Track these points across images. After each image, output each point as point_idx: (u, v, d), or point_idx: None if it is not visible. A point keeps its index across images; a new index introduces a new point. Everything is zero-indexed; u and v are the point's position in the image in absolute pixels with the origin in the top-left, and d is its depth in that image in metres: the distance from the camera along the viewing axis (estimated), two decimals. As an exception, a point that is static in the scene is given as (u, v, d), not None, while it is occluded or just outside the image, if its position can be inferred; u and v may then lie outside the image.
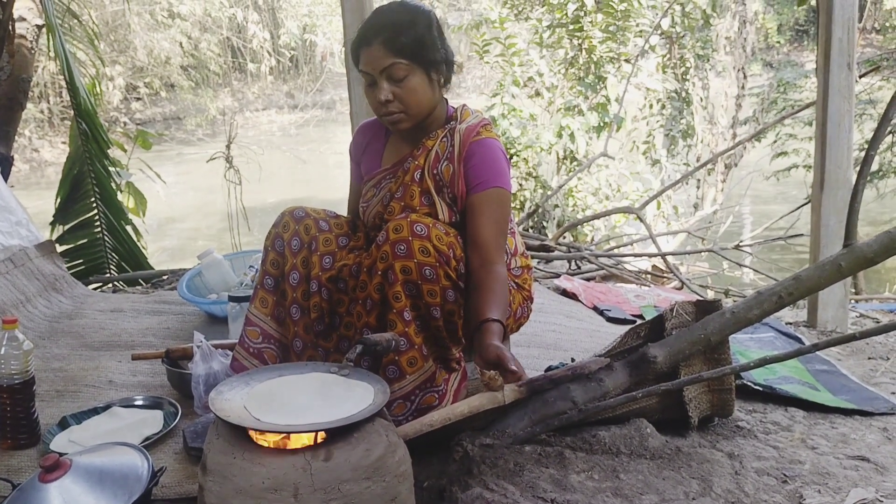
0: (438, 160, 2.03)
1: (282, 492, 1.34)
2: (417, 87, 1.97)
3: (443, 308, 1.90)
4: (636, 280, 4.45)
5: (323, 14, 21.03)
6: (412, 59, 1.94)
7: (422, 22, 1.97)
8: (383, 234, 1.87)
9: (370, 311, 1.91)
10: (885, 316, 3.62)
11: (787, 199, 8.37)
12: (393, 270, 1.84)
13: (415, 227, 1.85)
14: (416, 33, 1.94)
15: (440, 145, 2.04)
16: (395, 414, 1.92)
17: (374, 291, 1.89)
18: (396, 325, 1.86)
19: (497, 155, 2.02)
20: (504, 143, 6.49)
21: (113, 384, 2.46)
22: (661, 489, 1.73)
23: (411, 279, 1.84)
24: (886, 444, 2.09)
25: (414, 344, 1.89)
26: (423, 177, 2.04)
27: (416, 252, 1.84)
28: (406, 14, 1.97)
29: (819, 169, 3.07)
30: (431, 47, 1.97)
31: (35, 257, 3.37)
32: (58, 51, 4.39)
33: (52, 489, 1.48)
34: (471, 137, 2.02)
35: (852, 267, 2.04)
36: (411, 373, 1.90)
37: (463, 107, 2.13)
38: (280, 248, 2.08)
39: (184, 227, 11.73)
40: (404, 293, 1.85)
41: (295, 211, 2.11)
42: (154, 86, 19.10)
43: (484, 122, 2.09)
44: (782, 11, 19.42)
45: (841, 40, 2.95)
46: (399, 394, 1.90)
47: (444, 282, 1.87)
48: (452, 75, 2.08)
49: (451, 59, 2.04)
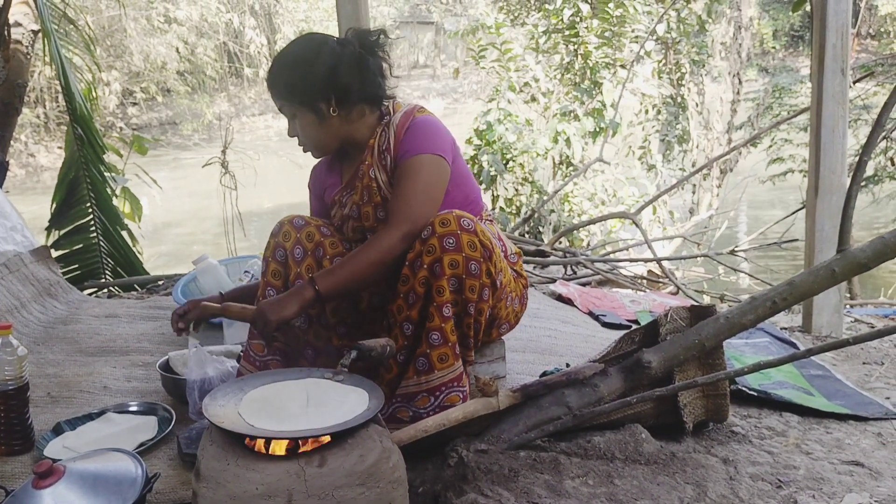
0: (381, 153, 2.07)
1: (276, 498, 1.33)
2: (306, 124, 2.05)
3: (476, 305, 1.91)
4: (632, 285, 4.45)
5: (319, 19, 21.09)
6: (292, 100, 2.03)
7: (297, 63, 2.02)
8: (429, 227, 1.88)
9: (412, 306, 1.92)
10: (880, 321, 3.63)
11: (782, 205, 8.39)
12: (441, 264, 1.86)
13: (462, 221, 1.87)
14: (291, 75, 2.02)
15: (380, 139, 2.09)
16: (418, 406, 1.93)
17: (418, 285, 1.89)
18: (434, 319, 1.89)
19: (423, 127, 2.04)
20: (500, 148, 6.52)
21: (107, 390, 2.45)
22: (656, 494, 1.73)
23: (457, 273, 1.86)
24: (881, 450, 2.09)
25: (448, 341, 1.91)
26: (378, 172, 2.08)
27: (465, 246, 1.86)
28: (288, 56, 2.06)
29: (813, 174, 3.07)
30: (302, 86, 2.00)
31: (30, 262, 3.37)
32: (54, 56, 4.40)
33: (45, 495, 1.48)
34: (404, 126, 2.05)
35: (846, 272, 2.04)
36: (440, 368, 1.91)
37: (393, 101, 2.15)
38: (282, 258, 2.08)
39: (180, 233, 11.73)
40: (448, 288, 1.87)
41: (294, 219, 2.12)
42: (150, 91, 19.12)
43: (417, 108, 2.12)
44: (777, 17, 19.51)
45: (835, 46, 2.96)
46: (425, 387, 1.92)
47: (484, 278, 1.90)
48: (355, 91, 2.04)
49: (337, 82, 2.01)
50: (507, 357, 2.34)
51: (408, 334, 1.94)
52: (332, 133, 2.07)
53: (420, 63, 26.79)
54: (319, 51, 2.02)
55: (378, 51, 2.09)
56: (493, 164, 6.52)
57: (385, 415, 1.94)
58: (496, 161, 6.52)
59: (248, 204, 5.80)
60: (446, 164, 2.02)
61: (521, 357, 2.65)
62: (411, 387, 1.94)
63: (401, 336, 1.94)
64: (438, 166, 2.00)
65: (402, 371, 1.97)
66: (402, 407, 1.96)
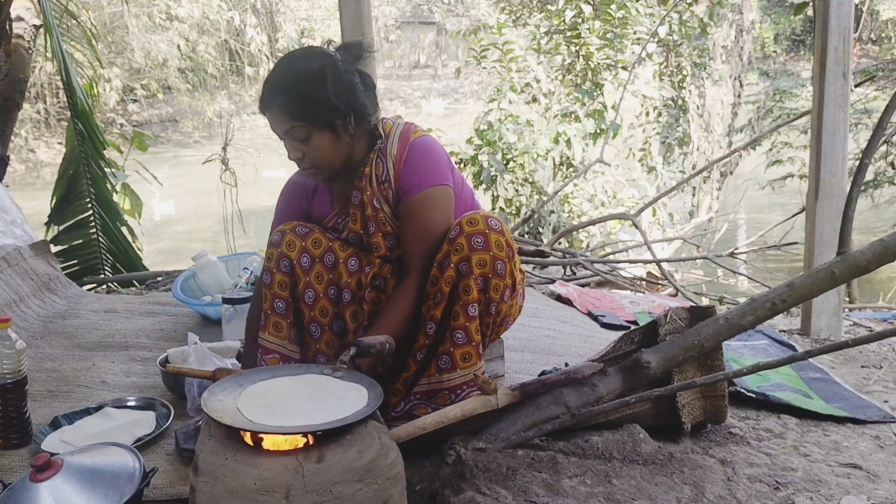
0: (380, 184, 2.03)
1: (273, 493, 1.33)
2: (322, 144, 1.95)
3: (497, 305, 1.92)
4: (631, 286, 4.45)
5: (321, 18, 21.09)
6: (308, 120, 1.91)
7: (314, 80, 1.91)
8: (456, 227, 1.89)
9: (437, 305, 1.92)
10: (879, 324, 3.63)
11: (782, 208, 8.39)
12: (469, 263, 1.87)
13: (489, 220, 1.88)
14: (307, 95, 1.90)
15: (376, 168, 2.03)
16: (438, 404, 1.93)
17: (444, 284, 1.89)
18: (459, 318, 1.89)
19: (421, 154, 2.01)
20: (500, 148, 6.51)
21: (106, 385, 2.45)
22: (654, 495, 1.73)
23: (485, 273, 1.87)
24: (879, 452, 2.09)
25: (472, 340, 1.91)
26: (381, 203, 2.04)
27: (493, 245, 1.87)
28: (297, 75, 1.92)
29: (814, 177, 3.07)
30: (324, 104, 1.91)
31: (29, 257, 3.36)
32: (55, 51, 4.39)
33: (43, 489, 1.47)
34: (402, 156, 2.01)
35: (846, 274, 2.04)
36: (463, 367, 1.92)
37: (382, 121, 2.08)
38: (287, 268, 2.05)
39: (179, 230, 11.73)
40: (475, 287, 1.88)
41: (297, 228, 2.08)
42: (151, 88, 19.13)
43: (410, 129, 2.07)
44: (779, 21, 19.53)
45: (837, 49, 2.96)
46: (446, 385, 1.92)
47: (507, 279, 1.91)
48: (368, 109, 2.01)
49: (355, 100, 1.96)
50: (506, 356, 2.35)
51: (430, 333, 1.94)
52: (343, 153, 1.99)
53: (421, 63, 26.81)
54: (322, 67, 1.93)
55: (363, 64, 2.05)
56: (494, 164, 6.52)
57: (401, 412, 1.94)
58: (496, 161, 6.52)
59: (248, 201, 5.80)
60: (449, 189, 2.02)
61: (520, 356, 2.65)
62: (433, 384, 1.94)
63: (423, 335, 1.94)
64: (442, 197, 2.00)
65: (421, 369, 1.97)
66: (421, 404, 1.95)
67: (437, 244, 1.95)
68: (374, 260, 2.08)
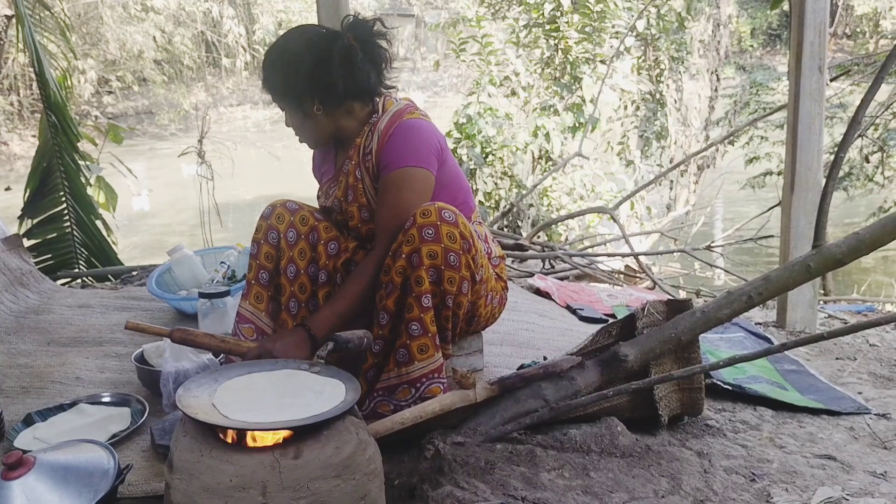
0: (365, 155, 2.07)
1: (250, 490, 1.32)
2: (294, 120, 2.09)
3: (455, 298, 1.91)
4: (609, 280, 4.46)
5: (299, 10, 20.93)
6: (278, 96, 2.06)
7: (286, 58, 2.02)
8: (411, 217, 1.89)
9: (389, 294, 1.92)
10: (853, 317, 3.67)
11: (758, 202, 8.45)
12: (419, 254, 1.86)
13: (443, 212, 1.87)
14: (277, 73, 2.03)
15: (365, 140, 2.09)
16: (398, 399, 1.93)
17: (395, 275, 1.89)
18: (413, 309, 1.88)
19: (406, 134, 2.03)
20: (480, 141, 6.51)
21: (80, 381, 2.42)
22: (631, 487, 1.74)
23: (436, 264, 1.87)
24: (853, 444, 2.11)
25: (428, 331, 1.90)
26: (363, 174, 2.08)
27: (444, 237, 1.86)
28: (275, 53, 2.05)
29: (789, 171, 3.10)
30: (292, 82, 2.02)
31: (2, 251, 3.31)
32: (27, 42, 4.32)
33: (14, 487, 1.45)
34: (388, 131, 2.04)
35: (821, 268, 2.06)
36: (420, 360, 1.91)
37: (385, 98, 2.13)
38: (275, 240, 2.10)
39: (155, 223, 11.61)
40: (427, 278, 1.87)
41: (287, 203, 2.15)
42: (126, 80, 18.89)
43: (407, 109, 2.10)
44: (756, 16, 19.65)
45: (812, 44, 2.98)
46: (405, 378, 1.92)
47: (464, 271, 1.90)
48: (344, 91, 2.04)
49: (328, 81, 2.01)
50: (485, 350, 2.34)
51: (383, 324, 1.93)
52: (319, 129, 2.09)
53: (400, 56, 26.69)
54: (306, 47, 2.01)
55: (375, 40, 2.06)
56: (473, 157, 6.52)
57: (366, 411, 1.94)
58: (475, 155, 6.52)
59: (226, 195, 5.76)
60: (428, 173, 2.02)
61: (499, 350, 2.65)
62: (392, 379, 1.93)
63: (377, 326, 1.94)
64: (420, 179, 2.00)
65: (379, 363, 1.97)
66: (384, 401, 1.95)
67: (397, 222, 1.97)
68: (350, 246, 2.12)
